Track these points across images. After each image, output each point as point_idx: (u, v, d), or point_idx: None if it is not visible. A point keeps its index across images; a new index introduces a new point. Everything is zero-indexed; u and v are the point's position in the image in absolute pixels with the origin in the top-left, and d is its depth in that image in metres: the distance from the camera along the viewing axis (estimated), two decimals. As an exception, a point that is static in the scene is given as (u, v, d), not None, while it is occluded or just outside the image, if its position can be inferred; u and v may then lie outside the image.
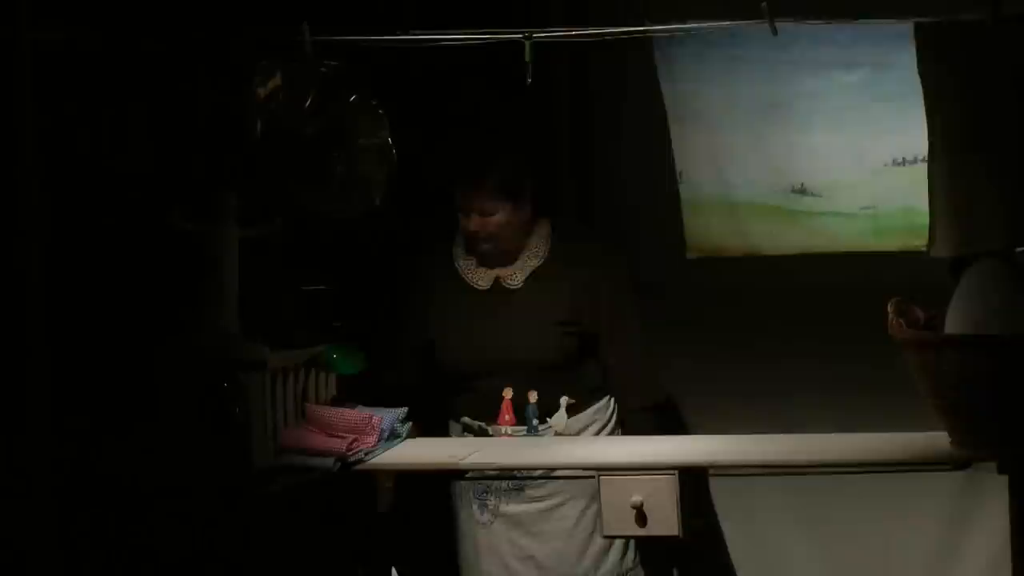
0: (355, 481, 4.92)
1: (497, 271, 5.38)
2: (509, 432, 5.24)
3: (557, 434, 5.25)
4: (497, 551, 5.38)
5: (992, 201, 4.50)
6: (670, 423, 5.34)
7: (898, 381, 4.61)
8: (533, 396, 5.20)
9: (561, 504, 5.35)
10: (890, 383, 5.01)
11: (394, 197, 4.99)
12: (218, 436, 4.57)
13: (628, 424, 5.40)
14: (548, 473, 5.27)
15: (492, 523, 5.38)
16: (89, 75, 4.52)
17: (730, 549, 5.96)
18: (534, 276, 5.38)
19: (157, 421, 4.55)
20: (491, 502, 5.37)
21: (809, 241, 5.67)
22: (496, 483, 5.34)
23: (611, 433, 5.45)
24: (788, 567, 6.03)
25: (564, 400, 5.25)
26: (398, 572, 5.39)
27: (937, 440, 4.55)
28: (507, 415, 5.26)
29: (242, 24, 4.77)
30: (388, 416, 5.10)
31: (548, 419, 5.25)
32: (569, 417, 5.29)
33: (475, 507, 5.40)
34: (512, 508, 5.37)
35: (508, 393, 5.24)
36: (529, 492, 5.35)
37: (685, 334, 5.71)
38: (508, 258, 5.38)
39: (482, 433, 5.34)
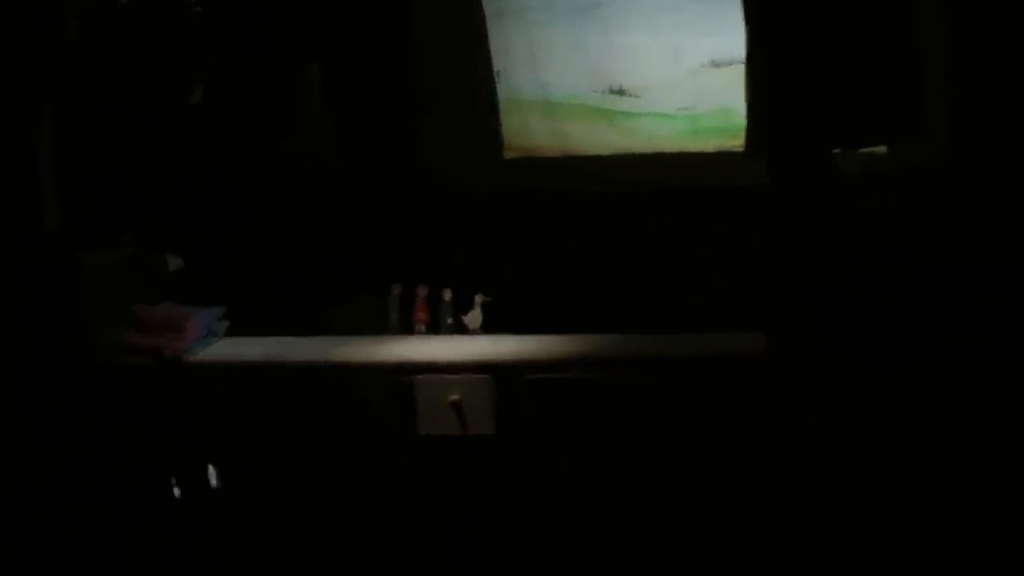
0: (170, 377, 4.88)
1: None
2: (423, 330, 5.29)
3: (472, 331, 5.31)
4: None
5: (809, 102, 4.55)
6: (487, 323, 5.35)
7: (717, 278, 4.66)
8: (447, 294, 5.29)
9: None
10: (709, 281, 5.07)
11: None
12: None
13: None
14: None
15: None
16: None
17: (546, 448, 5.99)
18: None
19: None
20: None
21: (627, 142, 5.71)
22: None
23: None
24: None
25: (479, 298, 5.32)
26: (214, 468, 5.35)
27: (753, 340, 4.63)
28: (421, 313, 5.33)
29: None
30: (205, 315, 5.06)
31: (463, 316, 5.32)
32: None
33: None
34: None
35: (422, 291, 5.29)
36: None
37: (502, 235, 5.71)
38: None
39: None
